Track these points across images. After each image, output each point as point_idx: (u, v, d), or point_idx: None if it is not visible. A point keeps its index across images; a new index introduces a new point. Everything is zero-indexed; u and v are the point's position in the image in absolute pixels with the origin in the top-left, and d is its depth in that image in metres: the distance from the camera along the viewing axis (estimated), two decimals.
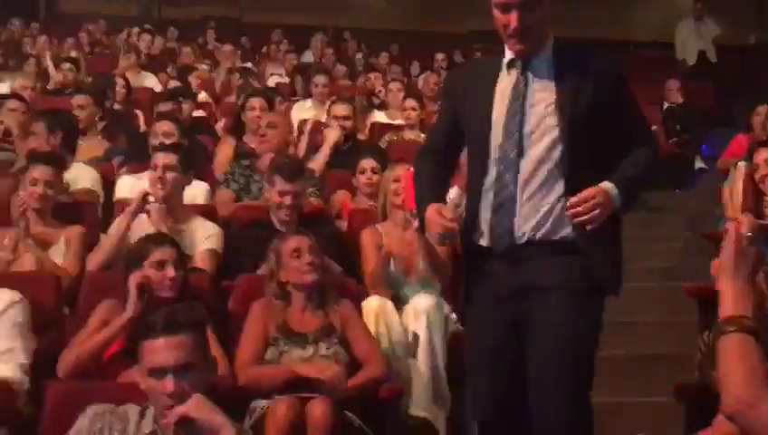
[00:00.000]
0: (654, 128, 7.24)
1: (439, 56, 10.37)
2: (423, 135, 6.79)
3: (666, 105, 8.99)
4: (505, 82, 2.73)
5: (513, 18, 2.60)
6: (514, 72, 2.71)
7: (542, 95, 2.68)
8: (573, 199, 2.56)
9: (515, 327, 2.70)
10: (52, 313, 3.65)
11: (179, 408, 2.39)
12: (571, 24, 13.53)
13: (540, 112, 2.67)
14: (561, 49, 2.74)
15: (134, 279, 3.40)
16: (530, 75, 2.70)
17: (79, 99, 6.19)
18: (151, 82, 8.72)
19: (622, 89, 2.75)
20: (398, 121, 7.15)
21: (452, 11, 13.99)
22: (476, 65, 3.10)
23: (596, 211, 2.56)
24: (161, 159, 4.30)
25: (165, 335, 2.47)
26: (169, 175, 4.24)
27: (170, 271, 3.45)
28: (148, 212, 4.17)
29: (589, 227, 2.57)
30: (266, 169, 4.56)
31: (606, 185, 2.59)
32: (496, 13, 2.64)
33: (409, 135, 6.76)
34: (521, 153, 2.65)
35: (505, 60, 2.74)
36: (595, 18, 13.88)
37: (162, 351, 2.45)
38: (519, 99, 2.68)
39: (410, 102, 6.89)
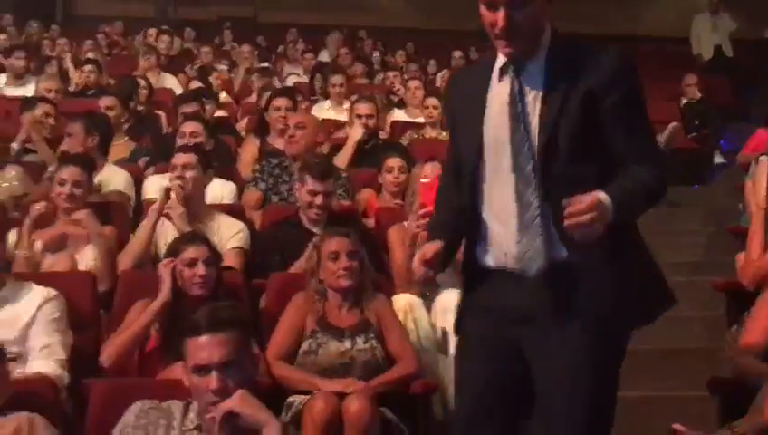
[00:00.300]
0: (674, 124, 7.35)
1: (456, 53, 10.37)
2: (444, 133, 6.86)
3: (684, 101, 8.99)
4: (497, 91, 2.40)
5: (499, 17, 2.28)
6: (507, 80, 2.38)
7: (536, 105, 2.35)
8: (571, 208, 2.13)
9: (516, 361, 2.38)
10: (88, 311, 3.70)
11: (224, 403, 2.45)
12: (584, 20, 13.57)
13: (536, 125, 2.34)
14: (558, 48, 2.38)
15: (164, 266, 3.54)
16: (524, 83, 2.36)
17: (106, 100, 6.26)
18: (171, 82, 8.77)
19: (622, 89, 2.31)
20: (419, 119, 7.19)
21: (465, 8, 13.98)
22: (468, 74, 2.72)
23: (590, 220, 2.13)
24: (180, 159, 4.38)
25: (209, 333, 2.52)
26: (189, 174, 4.30)
27: (201, 269, 3.51)
28: (169, 217, 4.23)
29: (577, 238, 2.17)
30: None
31: (601, 195, 2.17)
32: (483, 10, 2.32)
33: (431, 133, 6.81)
34: (537, 168, 2.32)
35: (497, 65, 2.42)
36: (608, 14, 13.90)
37: (206, 348, 2.50)
38: (517, 112, 2.34)
39: (431, 101, 6.92)
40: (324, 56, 10.94)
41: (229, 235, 4.26)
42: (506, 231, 2.37)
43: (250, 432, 2.47)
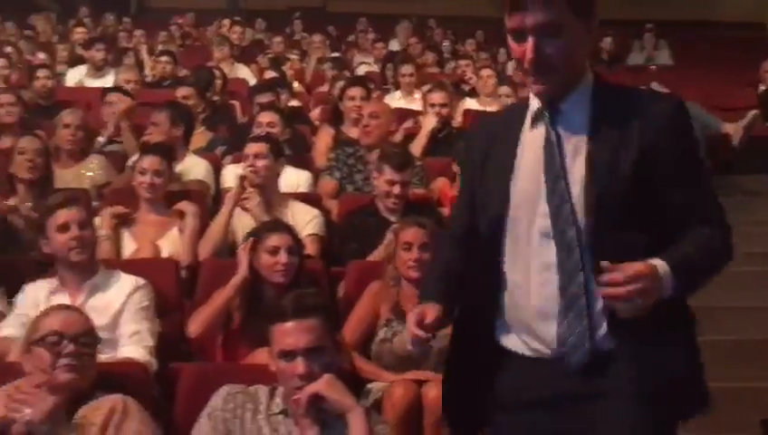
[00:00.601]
0: (754, 112, 7.20)
1: None
2: None
3: (762, 88, 8.79)
4: (530, 139, 2.08)
5: (528, 48, 1.96)
6: (542, 126, 2.06)
7: (578, 158, 2.01)
8: (612, 275, 1.82)
9: None
10: (171, 298, 3.78)
11: (310, 387, 2.50)
12: (657, 5, 13.38)
13: (578, 180, 2.01)
14: (603, 90, 2.06)
15: (242, 249, 3.65)
16: (561, 130, 2.04)
17: (183, 91, 6.38)
18: (244, 73, 8.88)
19: (681, 143, 2.01)
20: (492, 108, 7.17)
21: None
22: (496, 119, 2.36)
23: (638, 292, 1.81)
24: (252, 148, 4.46)
25: (295, 319, 2.57)
26: (260, 163, 4.37)
27: (283, 257, 3.56)
28: (245, 205, 4.30)
29: (622, 313, 1.86)
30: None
31: (657, 262, 1.87)
32: (511, 42, 2.01)
33: None
34: (582, 234, 1.98)
35: (530, 109, 2.10)
36: None
37: (292, 334, 2.56)
38: (554, 166, 2.01)
39: (504, 89, 6.91)
40: (394, 45, 10.96)
41: (304, 222, 4.31)
42: (540, 310, 2.03)
43: (334, 417, 2.53)
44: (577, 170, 2.00)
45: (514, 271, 2.07)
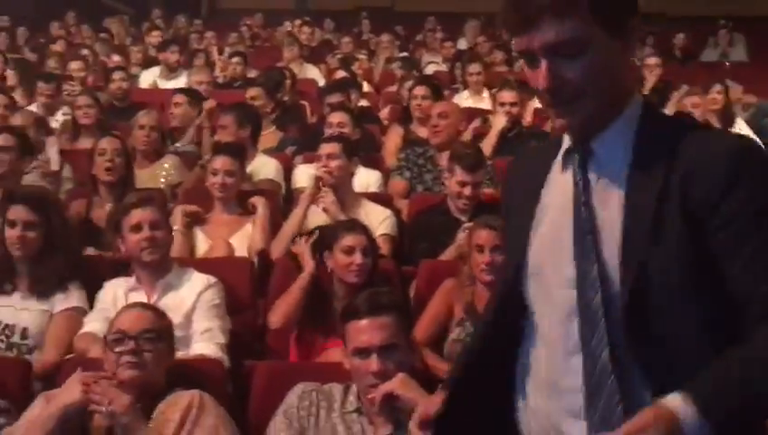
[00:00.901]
0: None
1: None
2: None
3: None
4: (558, 183, 1.66)
5: (541, 74, 1.54)
6: (570, 172, 1.63)
7: (614, 215, 1.55)
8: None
9: None
10: (245, 297, 3.83)
11: (385, 385, 2.51)
12: (732, 0, 13.11)
13: (612, 238, 1.55)
14: (650, 126, 1.59)
15: (304, 241, 3.80)
16: (593, 175, 1.59)
17: (252, 91, 6.46)
18: (314, 73, 8.95)
19: (747, 198, 1.47)
20: None
21: None
22: (530, 156, 1.91)
23: None
24: (325, 148, 4.50)
25: (369, 317, 2.60)
26: (334, 163, 4.41)
27: (358, 257, 3.57)
28: (321, 205, 4.34)
29: None
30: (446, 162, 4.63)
31: (672, 403, 1.36)
32: (526, 70, 1.61)
33: None
34: (613, 311, 1.52)
35: (562, 148, 1.67)
36: None
37: (367, 331, 2.58)
38: (581, 219, 1.58)
39: None
40: (463, 44, 10.92)
41: (377, 222, 4.32)
42: (568, 407, 1.59)
43: (408, 415, 2.54)
44: (610, 226, 1.55)
45: (535, 354, 1.66)
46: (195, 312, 3.44)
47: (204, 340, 3.38)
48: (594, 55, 1.53)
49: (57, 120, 6.54)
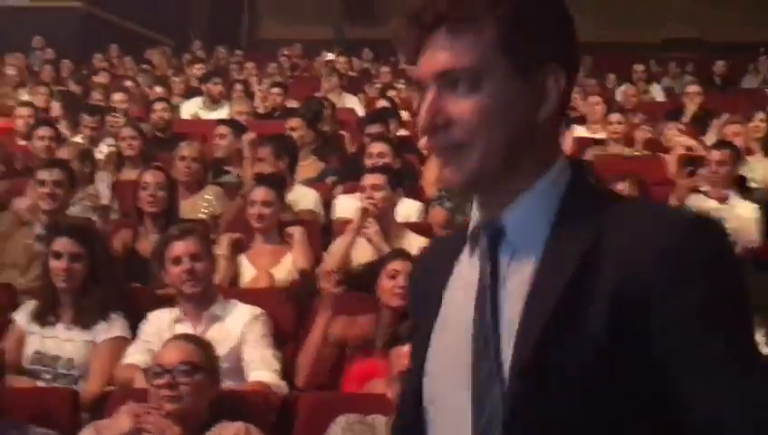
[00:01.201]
0: None
1: (639, 67, 10.14)
2: (627, 149, 6.75)
3: None
4: (464, 271, 1.27)
5: (425, 103, 1.20)
6: (477, 257, 1.25)
7: (518, 304, 1.18)
8: None
9: None
10: (288, 327, 3.86)
11: None
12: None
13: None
14: (580, 195, 1.22)
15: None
16: (503, 259, 1.22)
17: (292, 122, 6.50)
18: (353, 102, 9.02)
19: (696, 287, 1.11)
20: (600, 135, 7.10)
21: (643, 20, 13.72)
22: (442, 242, 1.59)
23: None
24: (369, 179, 4.52)
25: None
26: (378, 194, 4.43)
27: (401, 280, 3.58)
28: (366, 235, 4.36)
29: None
30: None
31: None
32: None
33: (614, 149, 6.71)
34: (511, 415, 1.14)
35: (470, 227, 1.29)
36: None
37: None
38: (484, 317, 1.20)
39: (615, 116, 6.83)
40: None
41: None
42: None
43: None
44: (514, 320, 1.18)
45: None
46: (244, 343, 3.47)
47: (262, 368, 3.42)
48: (491, 96, 1.17)
49: (101, 152, 6.64)
